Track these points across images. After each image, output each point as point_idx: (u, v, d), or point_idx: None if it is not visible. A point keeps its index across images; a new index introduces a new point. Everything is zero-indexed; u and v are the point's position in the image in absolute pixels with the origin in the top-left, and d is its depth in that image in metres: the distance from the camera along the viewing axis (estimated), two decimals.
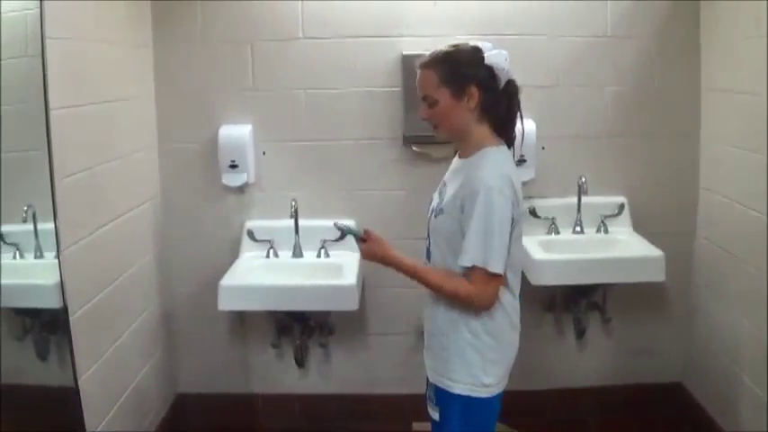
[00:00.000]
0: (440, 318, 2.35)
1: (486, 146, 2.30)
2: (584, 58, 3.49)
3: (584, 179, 3.42)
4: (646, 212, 3.60)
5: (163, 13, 3.55)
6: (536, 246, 3.33)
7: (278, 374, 3.80)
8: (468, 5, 3.47)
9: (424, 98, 2.33)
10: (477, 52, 2.30)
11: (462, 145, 2.37)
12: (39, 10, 2.51)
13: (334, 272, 3.39)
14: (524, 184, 3.39)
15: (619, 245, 3.43)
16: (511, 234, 2.23)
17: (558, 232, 3.53)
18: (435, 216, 2.34)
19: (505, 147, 2.34)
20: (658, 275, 3.19)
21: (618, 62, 3.50)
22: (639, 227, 3.56)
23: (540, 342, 3.70)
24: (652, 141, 3.58)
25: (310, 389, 3.81)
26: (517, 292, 2.38)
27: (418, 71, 2.32)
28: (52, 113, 2.63)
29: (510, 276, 2.32)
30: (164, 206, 3.68)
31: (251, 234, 3.60)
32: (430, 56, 2.32)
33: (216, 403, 3.81)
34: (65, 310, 2.68)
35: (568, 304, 3.60)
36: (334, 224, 2.60)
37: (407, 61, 3.43)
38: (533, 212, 3.53)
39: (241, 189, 3.62)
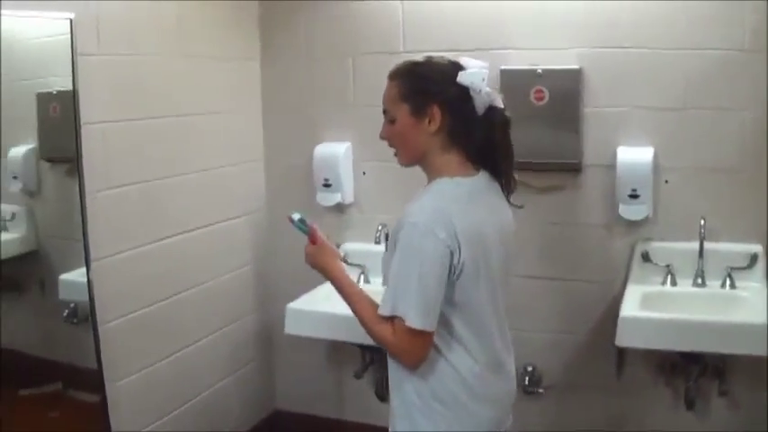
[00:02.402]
0: (391, 367, 2.07)
1: (442, 176, 1.99)
2: (716, 77, 2.96)
3: (706, 221, 2.93)
4: None
5: (270, 26, 3.61)
6: (637, 298, 2.89)
7: (363, 403, 3.68)
8: (579, 13, 3.08)
9: (385, 113, 2.06)
10: (450, 68, 1.99)
11: (426, 173, 2.05)
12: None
13: None
14: (636, 223, 3.06)
15: (743, 305, 2.87)
16: (454, 282, 1.91)
17: (674, 283, 3.03)
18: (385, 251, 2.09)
19: (470, 179, 2.00)
20: (759, 348, 2.60)
21: (757, 81, 2.90)
22: None
23: (646, 409, 3.23)
24: None
25: None
26: (483, 355, 2.00)
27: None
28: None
29: (465, 334, 1.97)
30: (268, 219, 3.72)
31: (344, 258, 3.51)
32: (398, 65, 2.06)
33: (310, 425, 3.81)
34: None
35: (679, 369, 3.08)
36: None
37: (506, 77, 3.15)
38: (646, 257, 3.07)
39: (339, 209, 3.55)
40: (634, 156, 3.04)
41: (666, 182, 3.07)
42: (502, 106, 2.00)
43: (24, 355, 2.93)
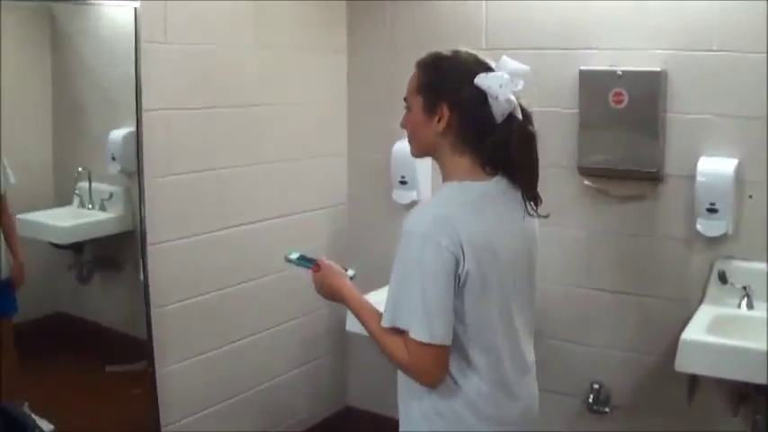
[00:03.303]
0: (399, 381, 2.00)
1: (451, 180, 1.91)
2: None
3: None
4: None
5: (357, 18, 3.65)
6: (706, 320, 2.72)
7: None
8: (663, 12, 2.92)
9: (405, 100, 2.00)
10: (472, 67, 1.87)
11: (441, 173, 1.98)
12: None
13: None
14: (716, 239, 2.87)
15: None
16: (462, 295, 1.80)
17: (750, 306, 2.81)
18: None
19: (480, 184, 1.88)
20: None
21: None
22: None
23: None
24: None
25: None
26: (491, 375, 1.88)
27: None
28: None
29: (471, 349, 1.86)
30: (349, 213, 3.75)
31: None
32: (425, 55, 1.97)
33: (381, 425, 3.76)
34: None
35: (751, 399, 2.84)
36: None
37: (586, 78, 3.05)
38: (722, 277, 2.86)
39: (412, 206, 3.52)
40: (715, 167, 2.85)
41: (750, 197, 2.86)
42: (521, 117, 1.87)
43: (115, 332, 3.13)
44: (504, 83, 1.84)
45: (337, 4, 3.62)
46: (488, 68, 1.88)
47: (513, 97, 1.85)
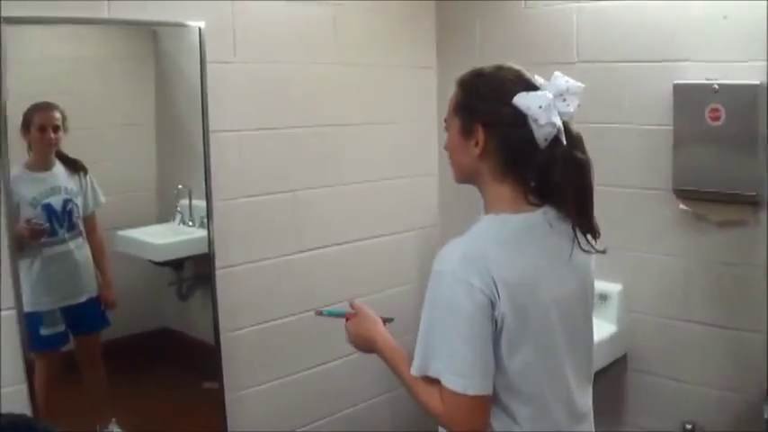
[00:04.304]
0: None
1: (489, 212, 1.75)
2: None
3: None
4: None
5: (446, 34, 3.59)
6: None
7: None
8: (764, 21, 2.68)
9: (445, 121, 1.86)
10: (512, 85, 1.70)
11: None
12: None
13: None
14: None
15: None
16: (499, 340, 1.63)
17: None
18: None
19: (520, 216, 1.71)
20: None
21: None
22: None
23: None
24: None
25: None
26: (536, 425, 1.70)
27: None
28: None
29: (511, 401, 1.69)
30: (441, 235, 3.65)
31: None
32: (468, 71, 1.82)
33: None
34: None
35: None
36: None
37: (680, 93, 2.85)
38: None
39: None
40: None
41: None
42: (565, 142, 1.69)
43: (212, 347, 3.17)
44: (545, 104, 1.66)
45: (426, 20, 3.57)
46: (531, 87, 1.71)
47: (557, 120, 1.67)
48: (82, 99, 2.78)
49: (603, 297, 3.10)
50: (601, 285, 3.09)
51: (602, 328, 3.07)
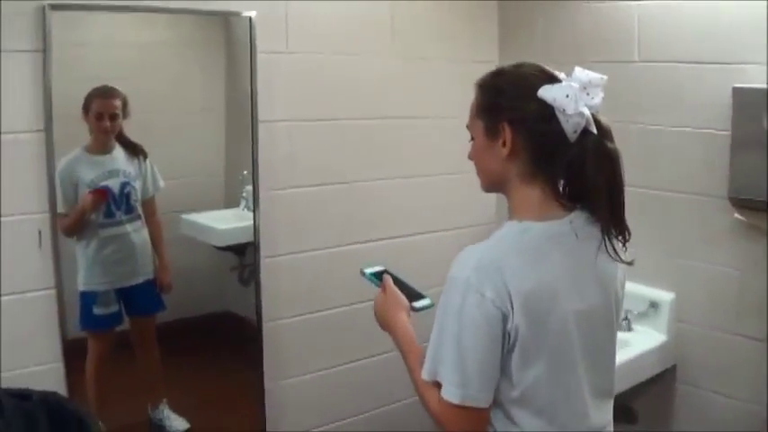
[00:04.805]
0: None
1: (513, 218, 1.70)
2: None
3: None
4: None
5: (508, 29, 3.56)
6: None
7: None
8: None
9: (467, 128, 1.79)
10: (534, 80, 1.64)
11: None
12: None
13: None
14: None
15: None
16: (511, 352, 1.59)
17: None
18: None
19: (544, 224, 1.64)
20: None
21: None
22: None
23: None
24: None
25: None
26: None
27: None
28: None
29: (522, 414, 1.64)
30: None
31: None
32: (487, 72, 1.77)
33: None
34: None
35: None
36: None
37: (740, 96, 2.73)
38: None
39: None
40: None
41: None
42: (595, 131, 1.61)
43: None
44: (571, 93, 1.60)
45: (488, 15, 3.53)
46: (554, 80, 1.65)
47: (585, 110, 1.61)
48: (149, 83, 2.87)
49: (654, 305, 3.04)
50: (652, 293, 3.07)
51: (652, 337, 3.02)
